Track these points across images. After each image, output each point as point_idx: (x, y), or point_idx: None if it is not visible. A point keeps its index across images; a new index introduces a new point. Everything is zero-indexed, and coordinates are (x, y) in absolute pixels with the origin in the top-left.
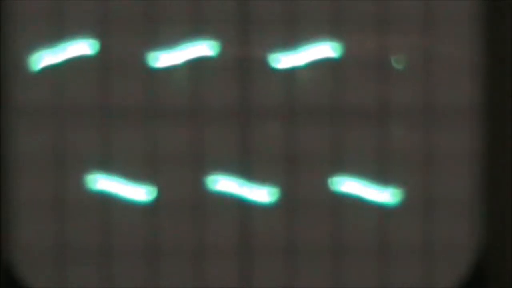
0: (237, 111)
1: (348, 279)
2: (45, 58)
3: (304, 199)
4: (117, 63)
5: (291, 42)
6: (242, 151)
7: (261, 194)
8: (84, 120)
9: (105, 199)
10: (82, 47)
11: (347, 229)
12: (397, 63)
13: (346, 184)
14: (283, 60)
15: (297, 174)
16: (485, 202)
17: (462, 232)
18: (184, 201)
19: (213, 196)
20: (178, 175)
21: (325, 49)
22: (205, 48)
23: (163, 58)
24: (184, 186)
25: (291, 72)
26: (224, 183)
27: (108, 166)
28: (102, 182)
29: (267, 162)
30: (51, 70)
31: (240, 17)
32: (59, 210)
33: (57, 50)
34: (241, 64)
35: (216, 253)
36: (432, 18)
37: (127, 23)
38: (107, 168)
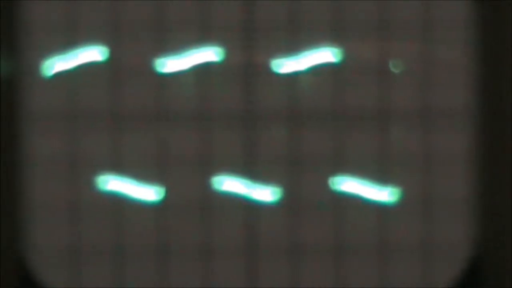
0: (242, 115)
1: (349, 276)
2: (58, 65)
3: (307, 199)
4: (127, 69)
5: (294, 48)
6: (247, 153)
7: (266, 194)
8: (96, 124)
9: (116, 200)
10: (93, 54)
11: (348, 227)
12: (396, 68)
13: (347, 184)
14: (286, 65)
15: (300, 175)
16: (482, 202)
17: (459, 231)
18: (192, 201)
19: (220, 196)
20: (186, 176)
21: (326, 55)
22: (211, 54)
23: (171, 64)
24: (192, 187)
25: (294, 77)
26: (230, 184)
27: (119, 168)
28: (113, 184)
29: (271, 163)
30: (64, 76)
31: (245, 25)
32: (73, 211)
33: (69, 57)
34: (246, 70)
35: (222, 251)
36: (429, 25)
37: (136, 31)
38: (118, 170)
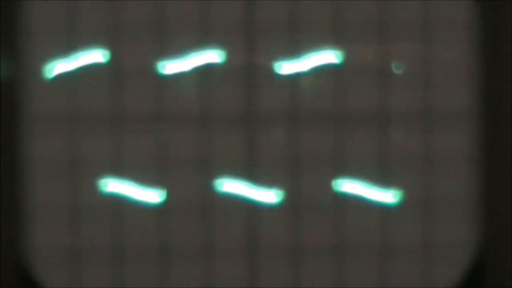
0: (244, 116)
1: (351, 277)
2: (59, 67)
3: (308, 200)
4: (128, 71)
5: (295, 50)
6: (248, 155)
7: (267, 196)
8: (97, 126)
9: (117, 202)
10: (95, 56)
11: (350, 229)
12: (396, 69)
13: (349, 186)
14: (287, 67)
15: (302, 176)
16: (483, 202)
17: (461, 231)
18: (193, 203)
19: (221, 198)
20: (187, 178)
21: (327, 56)
22: (212, 56)
23: (172, 66)
24: (193, 189)
25: (295, 79)
26: (231, 186)
27: (120, 170)
28: (114, 186)
29: (273, 165)
30: (65, 78)
31: (246, 26)
32: (74, 213)
33: (71, 59)
34: (247, 71)
35: (224, 253)
36: (430, 26)
37: (137, 33)
38: (119, 172)
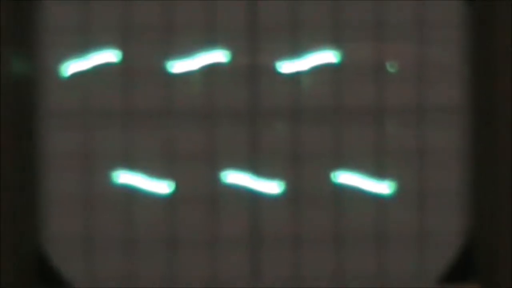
0: (247, 113)
1: (349, 263)
2: (74, 66)
3: (308, 191)
4: (138, 70)
5: (296, 50)
6: (252, 149)
7: (269, 187)
8: (109, 122)
9: (129, 193)
10: (107, 56)
11: (347, 218)
12: (391, 68)
13: (346, 178)
14: (289, 66)
15: (302, 169)
16: (472, 193)
17: (452, 220)
18: (200, 194)
19: (226, 189)
20: (194, 171)
21: (327, 56)
22: (218, 56)
23: (180, 65)
24: (200, 181)
25: (296, 77)
26: (236, 178)
27: (131, 163)
28: (126, 178)
29: (275, 158)
30: (80, 77)
31: (249, 28)
32: (88, 204)
33: (85, 59)
34: (250, 70)
35: (229, 241)
36: (423, 27)
37: (147, 34)
38: (130, 165)
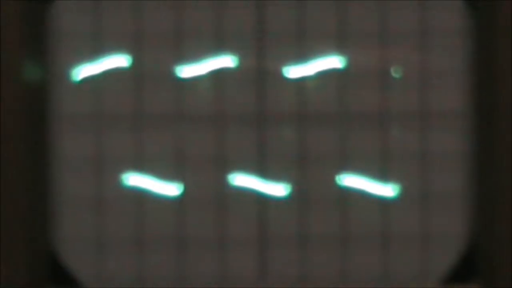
0: (255, 116)
1: (354, 263)
2: (86, 71)
3: (314, 194)
4: (149, 75)
5: (302, 56)
6: (259, 152)
7: (276, 189)
8: (120, 125)
9: (139, 195)
10: (118, 61)
11: (352, 220)
12: (395, 73)
13: (351, 180)
14: (295, 71)
15: (308, 172)
16: (475, 195)
17: (454, 222)
18: (208, 196)
19: (233, 192)
20: (203, 173)
21: (333, 61)
22: (226, 61)
23: (189, 70)
24: (208, 183)
25: (302, 82)
26: (243, 180)
27: (141, 166)
28: (136, 180)
29: (281, 161)
30: (91, 81)
31: (257, 34)
32: (99, 205)
33: (96, 64)
34: (258, 75)
35: (237, 242)
36: (427, 34)
37: (157, 40)
38: (140, 167)
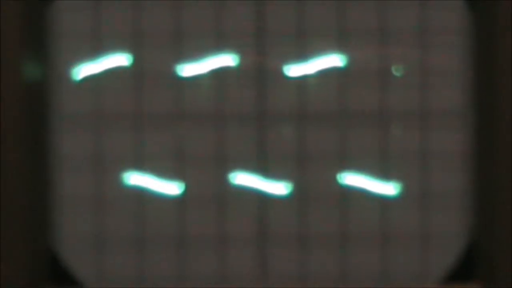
0: (255, 115)
1: (354, 262)
2: (86, 70)
3: (315, 192)
4: (149, 74)
5: (303, 54)
6: (260, 150)
7: (277, 188)
8: (120, 124)
9: (140, 194)
10: (118, 60)
11: (353, 218)
12: (396, 72)
13: (352, 179)
14: (296, 70)
15: (309, 170)
16: (475, 194)
17: (454, 221)
18: (209, 195)
19: (234, 190)
20: (204, 172)
21: (333, 60)
22: (227, 60)
23: (190, 69)
24: (209, 182)
25: (303, 80)
26: (244, 179)
27: (142, 165)
28: (137, 179)
29: (282, 160)
30: (92, 80)
31: (258, 33)
32: (99, 205)
33: (97, 63)
34: (259, 74)
35: (237, 240)
36: (427, 33)
37: (157, 39)
38: (141, 166)
